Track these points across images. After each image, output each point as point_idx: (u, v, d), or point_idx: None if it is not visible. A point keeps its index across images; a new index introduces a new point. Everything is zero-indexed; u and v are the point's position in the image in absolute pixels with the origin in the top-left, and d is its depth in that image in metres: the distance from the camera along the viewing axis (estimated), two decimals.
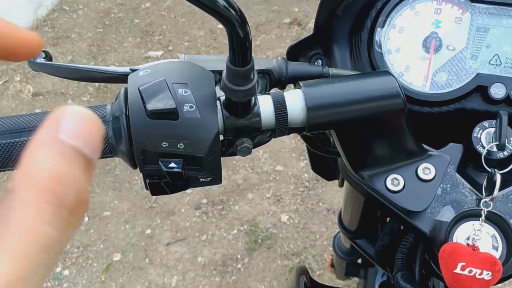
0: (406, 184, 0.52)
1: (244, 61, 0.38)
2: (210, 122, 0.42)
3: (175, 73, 0.43)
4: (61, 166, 0.22)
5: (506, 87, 0.57)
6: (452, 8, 0.59)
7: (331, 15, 0.64)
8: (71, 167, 0.22)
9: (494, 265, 0.48)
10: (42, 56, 0.55)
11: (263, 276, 1.95)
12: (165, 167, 0.42)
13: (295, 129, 0.48)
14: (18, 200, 0.21)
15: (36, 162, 0.22)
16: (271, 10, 3.40)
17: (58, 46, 3.30)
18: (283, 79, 0.53)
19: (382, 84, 0.47)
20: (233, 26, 0.36)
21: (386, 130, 0.49)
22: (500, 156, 0.51)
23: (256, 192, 2.25)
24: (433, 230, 0.51)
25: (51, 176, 0.21)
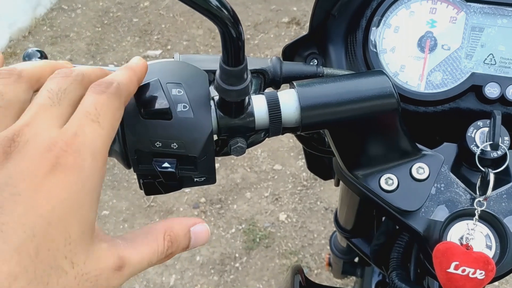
0: (400, 183, 0.52)
1: (237, 61, 0.38)
2: (203, 122, 0.42)
3: (168, 73, 0.44)
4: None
5: (501, 86, 0.57)
6: (447, 7, 0.60)
7: (326, 14, 0.64)
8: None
9: (488, 264, 0.48)
10: (37, 55, 0.55)
11: (261, 275, 1.96)
12: (159, 167, 0.42)
13: (289, 129, 0.48)
14: None
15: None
16: (270, 9, 3.40)
17: (56, 45, 3.30)
18: (278, 78, 0.53)
19: (376, 83, 0.47)
20: (226, 26, 0.36)
21: (380, 130, 0.50)
22: (494, 156, 0.52)
23: (254, 191, 2.25)
24: (427, 229, 0.52)
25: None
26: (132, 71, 0.40)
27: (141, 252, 0.35)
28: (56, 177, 0.31)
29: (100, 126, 0.34)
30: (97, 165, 0.33)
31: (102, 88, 0.36)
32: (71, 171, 0.32)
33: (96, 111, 0.34)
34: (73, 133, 0.33)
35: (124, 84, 0.38)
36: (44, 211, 0.30)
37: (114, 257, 0.33)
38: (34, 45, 3.30)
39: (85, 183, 0.32)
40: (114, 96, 0.36)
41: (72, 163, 0.32)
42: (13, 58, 3.19)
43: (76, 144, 0.32)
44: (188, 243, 0.39)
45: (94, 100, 0.35)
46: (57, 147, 0.32)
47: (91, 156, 0.33)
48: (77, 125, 0.33)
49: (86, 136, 0.33)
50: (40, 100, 0.35)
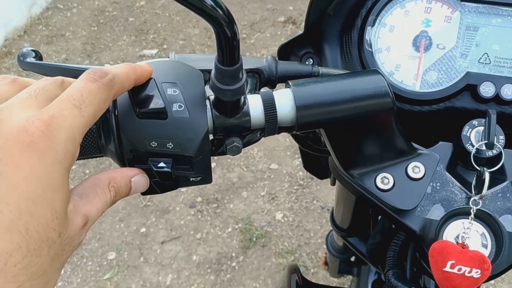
0: (396, 182, 0.52)
1: (232, 61, 0.38)
2: (199, 121, 0.42)
3: (164, 73, 0.43)
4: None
5: (495, 85, 0.57)
6: (442, 7, 0.60)
7: (321, 14, 0.64)
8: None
9: (483, 263, 0.48)
10: (32, 55, 0.55)
11: (257, 274, 1.96)
12: (155, 167, 0.42)
13: (284, 128, 0.48)
14: None
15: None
16: (266, 9, 3.40)
17: (52, 44, 3.29)
18: (273, 78, 0.53)
19: (371, 83, 0.47)
20: (221, 25, 0.36)
21: (375, 129, 0.50)
22: (489, 155, 0.52)
23: (250, 190, 2.25)
24: (423, 228, 0.52)
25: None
26: (132, 69, 0.41)
27: (96, 206, 0.38)
28: (32, 158, 0.32)
29: (81, 112, 0.35)
30: (70, 147, 0.34)
31: (96, 76, 0.37)
32: (46, 153, 0.33)
33: (81, 97, 0.35)
34: (51, 114, 0.34)
35: (119, 78, 0.38)
36: (26, 191, 0.32)
37: (80, 216, 0.36)
38: (30, 45, 3.29)
39: (59, 163, 0.33)
40: (105, 87, 0.37)
41: (47, 145, 0.33)
42: (8, 58, 3.18)
43: (52, 126, 0.33)
44: (129, 191, 0.42)
45: (83, 86, 0.36)
46: (32, 126, 0.33)
47: (65, 138, 0.34)
48: (58, 107, 0.34)
49: (64, 119, 0.34)
50: (18, 94, 0.36)
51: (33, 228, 0.32)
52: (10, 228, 0.31)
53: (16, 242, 0.31)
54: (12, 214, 0.31)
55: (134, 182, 0.42)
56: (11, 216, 0.31)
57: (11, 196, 0.31)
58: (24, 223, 0.31)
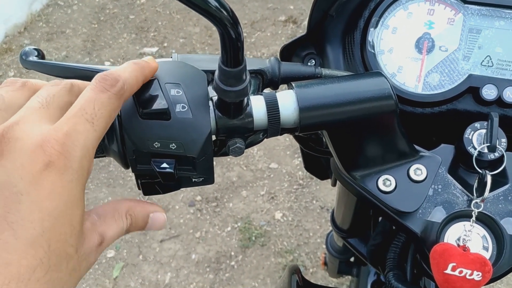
0: (397, 184, 0.52)
1: (236, 62, 0.38)
2: (202, 122, 0.42)
3: (167, 73, 0.43)
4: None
5: (498, 88, 0.57)
6: (445, 9, 0.60)
7: (324, 15, 0.64)
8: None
9: (484, 265, 0.48)
10: (35, 54, 0.55)
11: (256, 274, 1.96)
12: (157, 168, 0.42)
13: (287, 130, 0.48)
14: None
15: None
16: (267, 8, 3.40)
17: (52, 41, 3.28)
18: (276, 79, 0.53)
19: (374, 85, 0.47)
20: (225, 26, 0.36)
21: (378, 131, 0.50)
22: (491, 158, 0.52)
23: (250, 190, 2.25)
24: (424, 230, 0.52)
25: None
26: (140, 70, 0.40)
27: (112, 229, 0.39)
28: (51, 176, 0.33)
29: (93, 127, 0.35)
30: (85, 163, 0.35)
31: (107, 85, 0.37)
32: (64, 171, 0.34)
33: (94, 110, 0.36)
34: (65, 131, 0.34)
35: (129, 83, 0.38)
36: (49, 208, 0.33)
37: (97, 234, 0.38)
38: (30, 41, 3.29)
39: (76, 180, 0.34)
40: (116, 96, 0.37)
41: (64, 163, 0.34)
42: (8, 54, 3.18)
43: (67, 144, 0.34)
44: (145, 225, 0.43)
45: (95, 97, 0.36)
46: (49, 146, 0.33)
47: (80, 156, 0.35)
48: (71, 123, 0.35)
49: (78, 136, 0.35)
50: (30, 104, 0.37)
51: (54, 244, 0.33)
52: (34, 244, 0.32)
53: (39, 258, 0.32)
54: (36, 231, 0.32)
55: (152, 218, 0.43)
56: (35, 233, 0.32)
57: (36, 214, 0.32)
58: (46, 239, 0.32)
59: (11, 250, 0.31)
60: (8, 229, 0.31)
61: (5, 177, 0.32)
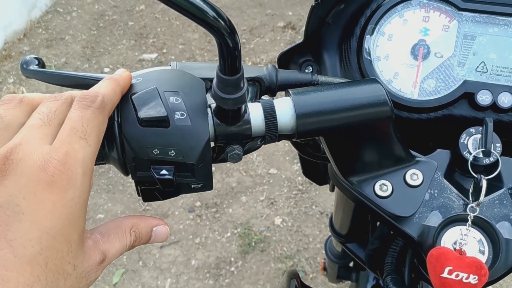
0: (394, 189, 0.53)
1: (234, 70, 0.39)
2: (200, 129, 0.43)
3: (166, 81, 0.44)
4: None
5: (492, 94, 0.58)
6: (439, 16, 0.60)
7: (321, 22, 0.64)
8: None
9: (481, 269, 0.49)
10: (35, 63, 0.56)
11: (256, 279, 1.96)
12: (157, 174, 0.43)
13: (284, 136, 0.48)
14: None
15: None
16: (265, 14, 3.42)
17: (51, 48, 3.30)
18: (273, 86, 0.54)
19: (370, 92, 0.48)
20: (223, 36, 0.37)
21: (374, 137, 0.50)
22: (486, 162, 0.52)
23: (249, 195, 2.25)
24: (421, 235, 0.52)
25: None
26: (116, 82, 0.42)
27: (115, 246, 0.41)
28: (53, 195, 0.34)
29: (87, 143, 0.37)
30: (87, 180, 0.37)
31: (88, 102, 0.39)
32: (66, 189, 0.35)
33: (83, 127, 0.37)
34: (64, 151, 0.36)
35: (108, 96, 0.40)
36: (48, 227, 0.34)
37: (98, 253, 0.39)
38: (29, 48, 3.30)
39: (78, 198, 0.36)
40: (99, 110, 0.39)
41: (66, 182, 0.35)
42: (7, 61, 3.19)
43: (68, 163, 0.36)
44: (149, 239, 0.44)
45: (80, 115, 0.38)
46: (51, 166, 0.35)
47: (82, 172, 0.36)
48: (67, 142, 0.36)
49: (77, 153, 0.36)
50: (31, 122, 0.38)
51: (51, 262, 0.34)
52: (31, 262, 0.33)
53: (36, 275, 0.33)
54: (34, 249, 0.33)
55: (156, 231, 0.44)
56: (33, 251, 0.33)
57: (34, 232, 0.34)
58: (44, 257, 0.34)
59: (10, 267, 0.32)
60: (7, 247, 0.33)
61: (7, 197, 0.34)
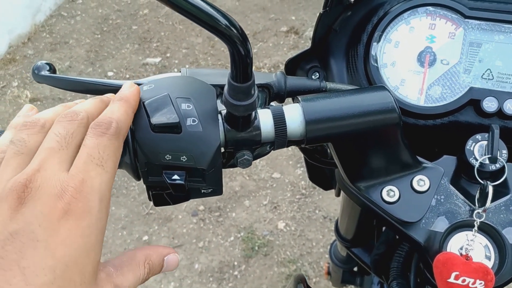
0: (401, 195, 0.53)
1: (245, 78, 0.40)
2: (212, 135, 0.43)
3: (178, 88, 0.45)
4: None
5: (498, 100, 0.58)
6: (446, 23, 0.61)
7: (328, 29, 0.65)
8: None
9: (487, 274, 0.49)
10: (46, 68, 0.56)
11: (259, 283, 1.96)
12: (169, 179, 0.44)
13: (293, 142, 0.49)
14: None
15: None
16: (269, 18, 3.43)
17: (56, 51, 3.31)
18: (282, 93, 0.55)
19: (378, 99, 0.48)
20: (235, 44, 0.37)
21: (382, 143, 0.51)
22: (492, 169, 0.53)
23: (253, 199, 2.26)
24: (428, 240, 0.53)
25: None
26: (127, 104, 0.42)
27: (128, 280, 0.40)
28: (69, 223, 0.35)
29: (104, 170, 0.37)
30: (104, 207, 0.37)
31: (103, 129, 0.39)
32: (82, 217, 0.35)
33: (99, 154, 0.37)
34: (81, 179, 0.36)
35: (121, 121, 0.40)
36: (62, 255, 0.34)
37: (111, 286, 0.38)
38: (33, 52, 3.31)
39: (95, 226, 0.36)
40: (114, 137, 0.39)
41: (83, 210, 0.35)
42: (12, 64, 3.21)
43: (85, 191, 0.36)
44: (161, 269, 0.44)
45: (96, 142, 0.38)
46: (67, 194, 0.35)
47: (98, 200, 0.36)
48: (84, 170, 0.37)
49: (93, 181, 0.36)
50: (49, 144, 0.38)
51: None
52: None
53: None
54: (47, 278, 0.33)
55: (167, 260, 0.44)
56: (46, 280, 0.33)
57: (48, 261, 0.33)
58: (56, 286, 0.33)
59: None
60: (20, 275, 0.32)
61: (23, 224, 0.34)
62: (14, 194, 0.34)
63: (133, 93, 0.43)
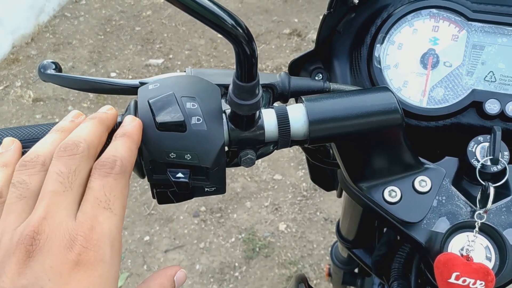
0: (403, 195, 0.53)
1: (250, 77, 0.40)
2: (216, 134, 0.44)
3: (183, 87, 0.45)
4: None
5: (501, 103, 0.58)
6: (449, 26, 0.61)
7: (332, 31, 0.66)
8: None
9: (487, 275, 0.50)
10: (52, 67, 0.57)
11: (260, 285, 1.96)
12: (173, 177, 0.44)
13: (297, 142, 0.49)
14: None
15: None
16: (271, 21, 3.43)
17: (59, 52, 3.32)
18: (286, 93, 0.55)
19: (381, 99, 0.49)
20: (240, 43, 0.38)
21: (384, 144, 0.51)
22: (493, 170, 0.53)
23: (254, 201, 2.26)
24: (429, 240, 0.53)
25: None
26: (131, 140, 0.41)
27: None
28: (80, 274, 0.33)
29: (112, 212, 0.36)
30: (116, 252, 0.35)
31: (107, 169, 0.37)
32: (94, 266, 0.34)
33: (106, 196, 0.36)
34: (89, 226, 0.34)
35: (126, 158, 0.39)
36: None
37: None
38: (37, 52, 3.32)
39: (108, 274, 0.34)
40: (120, 175, 0.38)
41: (94, 259, 0.34)
42: (15, 64, 3.21)
43: (94, 238, 0.34)
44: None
45: (102, 184, 0.37)
46: (77, 244, 0.33)
47: (110, 246, 0.35)
48: (92, 215, 0.35)
49: (103, 227, 0.35)
50: (53, 187, 0.36)
51: None
52: None
53: None
54: None
55: (177, 278, 0.43)
56: None
57: None
58: None
59: None
60: None
61: (33, 279, 0.32)
62: (22, 248, 0.33)
63: (135, 128, 0.42)
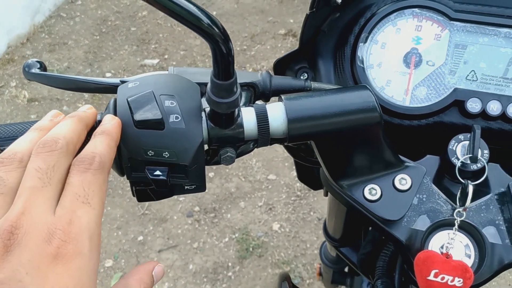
0: (383, 193, 0.54)
1: (227, 75, 0.41)
2: (194, 132, 0.44)
3: (162, 85, 0.46)
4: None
5: (482, 102, 0.59)
6: (432, 25, 0.62)
7: (316, 30, 0.66)
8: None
9: (466, 272, 0.50)
10: (37, 66, 0.57)
11: (253, 284, 1.97)
12: (151, 175, 0.44)
13: (276, 140, 0.50)
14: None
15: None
16: (267, 21, 3.44)
17: (54, 52, 3.31)
18: (267, 92, 0.55)
19: (360, 98, 0.49)
20: (217, 42, 0.38)
21: (363, 142, 0.52)
22: (473, 168, 0.54)
23: (248, 201, 2.26)
24: (409, 238, 0.54)
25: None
26: (110, 137, 0.41)
27: None
28: (59, 267, 0.33)
29: (91, 207, 0.36)
30: (95, 246, 0.36)
31: (86, 165, 0.38)
32: (72, 259, 0.34)
33: (85, 191, 0.36)
34: (68, 220, 0.34)
35: (105, 155, 0.39)
36: None
37: None
38: (32, 52, 3.32)
39: (86, 267, 0.34)
40: (98, 171, 0.38)
41: (72, 252, 0.34)
42: (10, 65, 3.21)
43: (73, 232, 0.34)
44: (153, 283, 0.43)
45: (80, 179, 0.37)
46: (55, 237, 0.33)
47: (88, 240, 0.35)
48: (70, 210, 0.35)
49: (81, 221, 0.35)
50: (32, 183, 0.36)
51: None
52: None
53: None
54: None
55: (155, 273, 0.44)
56: None
57: None
58: None
59: None
60: None
61: (10, 273, 0.32)
62: (0, 243, 0.32)
63: (114, 126, 0.42)
